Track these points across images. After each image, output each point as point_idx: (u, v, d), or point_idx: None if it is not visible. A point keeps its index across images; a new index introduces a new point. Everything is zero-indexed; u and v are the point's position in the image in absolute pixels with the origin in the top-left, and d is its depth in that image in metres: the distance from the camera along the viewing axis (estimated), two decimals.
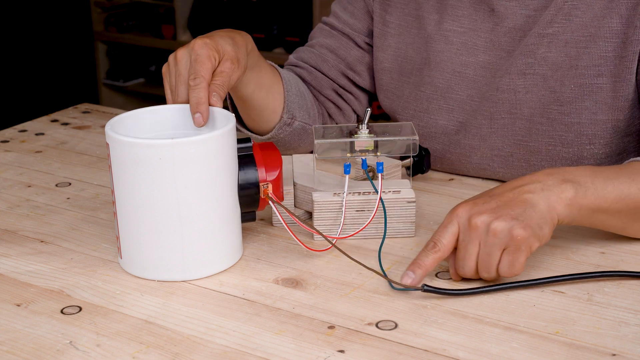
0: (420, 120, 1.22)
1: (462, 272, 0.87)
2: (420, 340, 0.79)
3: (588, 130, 1.10)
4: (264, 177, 0.93)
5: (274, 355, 0.77)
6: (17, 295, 0.89)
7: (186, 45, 1.00)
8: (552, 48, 1.11)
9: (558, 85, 1.11)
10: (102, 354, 0.78)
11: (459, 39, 1.18)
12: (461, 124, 1.19)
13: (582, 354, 0.76)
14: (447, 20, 1.19)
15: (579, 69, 1.09)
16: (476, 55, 1.17)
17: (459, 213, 0.87)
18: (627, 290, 0.87)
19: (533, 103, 1.12)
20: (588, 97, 1.10)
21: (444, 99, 1.19)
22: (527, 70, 1.12)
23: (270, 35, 3.57)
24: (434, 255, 0.87)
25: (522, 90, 1.13)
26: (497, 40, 1.15)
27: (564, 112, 1.11)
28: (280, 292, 0.88)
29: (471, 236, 0.85)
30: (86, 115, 1.49)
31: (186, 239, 0.89)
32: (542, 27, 1.11)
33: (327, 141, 0.98)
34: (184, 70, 0.98)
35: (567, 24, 1.10)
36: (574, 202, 0.88)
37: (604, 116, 1.10)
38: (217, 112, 0.95)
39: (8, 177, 1.21)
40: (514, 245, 0.84)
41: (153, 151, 0.86)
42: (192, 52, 0.98)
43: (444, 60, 1.19)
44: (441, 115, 1.20)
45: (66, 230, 1.03)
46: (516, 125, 1.14)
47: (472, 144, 1.18)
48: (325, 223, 0.99)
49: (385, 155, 1.00)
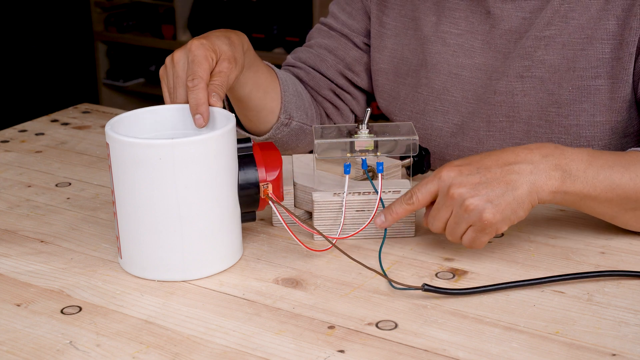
0: (417, 122, 1.22)
1: (431, 227, 0.93)
2: (420, 340, 0.79)
3: (587, 132, 1.11)
4: (264, 177, 0.93)
5: (274, 355, 0.77)
6: (17, 295, 0.89)
7: (183, 46, 1.00)
8: (550, 50, 1.11)
9: (556, 87, 1.11)
10: (102, 354, 0.78)
11: (455, 40, 1.18)
12: (457, 127, 1.19)
13: (582, 354, 0.76)
14: (444, 22, 1.19)
15: (577, 71, 1.10)
16: (472, 57, 1.17)
17: (443, 177, 0.90)
18: (627, 290, 0.87)
19: (531, 106, 1.12)
20: (586, 99, 1.10)
21: (440, 100, 1.20)
22: (525, 73, 1.12)
23: (270, 35, 3.57)
24: (407, 206, 0.92)
25: (520, 93, 1.13)
26: (493, 42, 1.15)
27: (562, 114, 1.11)
28: (280, 292, 0.88)
29: (446, 203, 0.89)
30: (86, 115, 1.49)
31: (186, 239, 0.89)
32: (539, 30, 1.11)
33: (327, 141, 0.98)
34: (182, 72, 0.98)
35: (564, 26, 1.10)
36: (559, 189, 0.90)
37: (602, 118, 1.10)
38: (217, 112, 0.95)
39: (8, 177, 1.21)
40: (480, 225, 0.88)
41: (153, 151, 0.86)
42: (189, 53, 0.98)
43: (441, 62, 1.19)
44: (437, 117, 1.20)
45: (66, 230, 1.03)
46: (514, 129, 1.14)
47: (469, 146, 1.18)
48: (325, 223, 0.99)
49: (385, 155, 1.00)
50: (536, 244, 0.97)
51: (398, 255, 0.95)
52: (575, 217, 1.03)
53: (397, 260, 0.94)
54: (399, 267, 0.93)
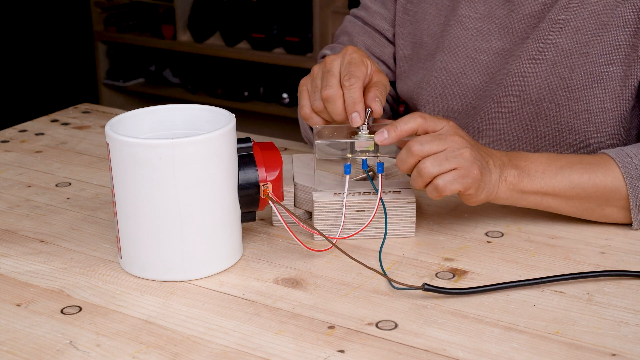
0: (435, 105, 1.23)
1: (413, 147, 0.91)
2: (420, 340, 0.79)
3: (596, 118, 1.11)
4: (264, 177, 0.93)
5: (274, 355, 0.77)
6: (17, 295, 0.89)
7: (335, 54, 1.02)
8: (563, 34, 1.11)
9: (568, 71, 1.11)
10: (102, 354, 0.78)
11: (474, 24, 1.19)
12: (470, 108, 1.19)
13: (582, 354, 0.76)
14: (463, 6, 1.20)
15: (590, 56, 1.10)
16: (490, 41, 1.18)
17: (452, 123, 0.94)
18: (627, 290, 0.87)
19: (542, 88, 1.13)
20: (597, 84, 1.10)
21: (458, 84, 1.20)
22: (538, 55, 1.12)
23: (270, 35, 3.57)
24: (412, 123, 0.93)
25: (532, 75, 1.13)
26: (511, 26, 1.16)
27: (573, 98, 1.11)
28: (280, 292, 0.88)
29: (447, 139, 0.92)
30: (86, 115, 1.49)
31: (186, 239, 0.89)
32: (555, 13, 1.11)
33: (327, 141, 0.98)
34: (336, 69, 0.99)
35: (579, 11, 1.10)
36: (516, 187, 0.96)
37: (612, 105, 1.10)
38: (217, 112, 0.95)
39: (8, 177, 1.21)
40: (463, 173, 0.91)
41: (153, 151, 0.86)
42: (346, 56, 1.00)
43: (459, 45, 1.20)
44: (455, 101, 1.21)
45: (66, 230, 1.03)
46: (524, 110, 1.15)
47: (480, 127, 1.19)
48: (326, 223, 0.98)
49: (386, 155, 1.00)
50: (536, 244, 0.97)
51: (398, 255, 0.95)
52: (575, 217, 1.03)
53: (397, 260, 0.94)
54: (399, 267, 0.93)
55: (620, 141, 1.12)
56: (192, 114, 0.97)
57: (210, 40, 3.78)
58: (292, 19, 3.57)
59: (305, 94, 1.03)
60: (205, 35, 3.76)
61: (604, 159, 0.99)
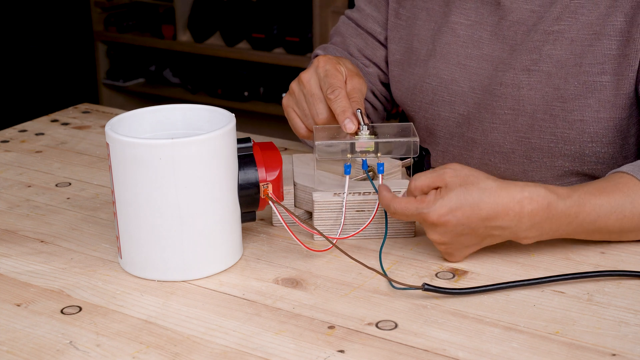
0: (425, 112, 1.23)
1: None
2: (420, 340, 0.79)
3: (590, 128, 1.11)
4: (264, 177, 0.93)
5: (274, 355, 0.77)
6: (17, 295, 0.89)
7: (306, 69, 1.03)
8: (558, 45, 1.11)
9: (562, 82, 1.11)
10: (102, 354, 0.78)
11: (465, 31, 1.19)
12: (463, 117, 1.19)
13: (582, 354, 0.76)
14: (455, 12, 1.20)
15: (583, 66, 1.10)
16: (480, 48, 1.18)
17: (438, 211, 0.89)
18: (627, 290, 0.87)
19: (536, 100, 1.13)
20: (591, 94, 1.10)
21: (448, 91, 1.20)
22: (532, 66, 1.12)
23: (270, 35, 3.57)
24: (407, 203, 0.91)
25: (526, 87, 1.13)
26: (501, 33, 1.16)
27: (567, 109, 1.11)
28: (280, 292, 0.88)
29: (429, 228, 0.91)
30: (86, 115, 1.49)
31: (186, 239, 0.89)
32: (549, 24, 1.11)
33: (327, 142, 0.98)
34: (316, 89, 1.01)
35: (574, 22, 1.10)
36: (538, 239, 0.92)
37: (606, 114, 1.10)
38: (217, 111, 0.95)
39: (8, 177, 1.21)
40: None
41: (153, 151, 0.86)
42: (318, 69, 1.01)
43: (450, 52, 1.20)
44: (444, 107, 1.21)
45: (66, 230, 1.03)
46: (518, 122, 1.15)
47: (474, 137, 1.19)
48: (326, 223, 0.98)
49: (386, 155, 1.00)
50: (536, 244, 0.97)
51: (398, 255, 0.95)
52: None
53: (397, 260, 0.94)
54: (399, 267, 0.93)
55: (616, 150, 1.12)
56: (192, 114, 0.97)
57: (210, 40, 3.77)
58: (292, 19, 3.57)
59: (295, 116, 1.05)
60: (205, 35, 3.76)
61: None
